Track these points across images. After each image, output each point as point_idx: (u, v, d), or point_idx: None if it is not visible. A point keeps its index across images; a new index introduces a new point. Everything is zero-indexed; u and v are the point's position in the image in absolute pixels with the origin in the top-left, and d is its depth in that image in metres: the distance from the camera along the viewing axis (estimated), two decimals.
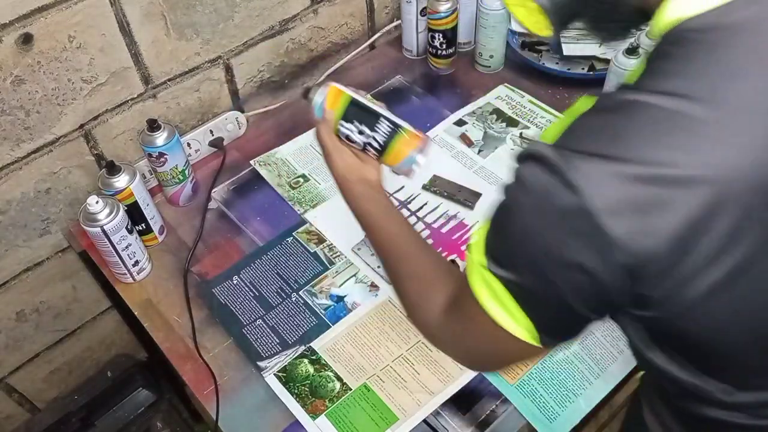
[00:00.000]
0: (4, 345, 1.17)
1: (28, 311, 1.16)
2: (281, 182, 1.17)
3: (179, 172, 1.09)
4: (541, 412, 0.87)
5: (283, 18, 1.22)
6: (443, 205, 1.11)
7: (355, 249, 1.05)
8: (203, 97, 1.19)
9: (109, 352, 1.35)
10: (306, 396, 0.89)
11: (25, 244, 1.09)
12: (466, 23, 1.34)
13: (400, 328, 0.96)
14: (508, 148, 1.19)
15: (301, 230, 1.09)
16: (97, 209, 0.93)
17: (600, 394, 0.89)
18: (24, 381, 1.24)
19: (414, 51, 1.38)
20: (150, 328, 0.99)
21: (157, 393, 1.23)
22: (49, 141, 1.02)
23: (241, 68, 1.22)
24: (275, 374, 0.92)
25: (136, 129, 1.11)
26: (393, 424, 0.86)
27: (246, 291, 1.02)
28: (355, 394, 0.89)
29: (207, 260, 1.06)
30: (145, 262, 1.04)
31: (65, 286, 1.19)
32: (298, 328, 0.97)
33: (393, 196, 1.13)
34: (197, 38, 1.11)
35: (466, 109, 1.27)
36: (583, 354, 0.91)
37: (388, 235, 0.80)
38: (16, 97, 0.95)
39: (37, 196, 1.06)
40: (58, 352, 1.26)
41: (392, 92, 1.32)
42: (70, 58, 0.97)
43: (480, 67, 1.35)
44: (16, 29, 0.89)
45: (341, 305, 0.99)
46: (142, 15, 1.01)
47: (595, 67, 1.30)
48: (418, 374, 0.91)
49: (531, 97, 1.28)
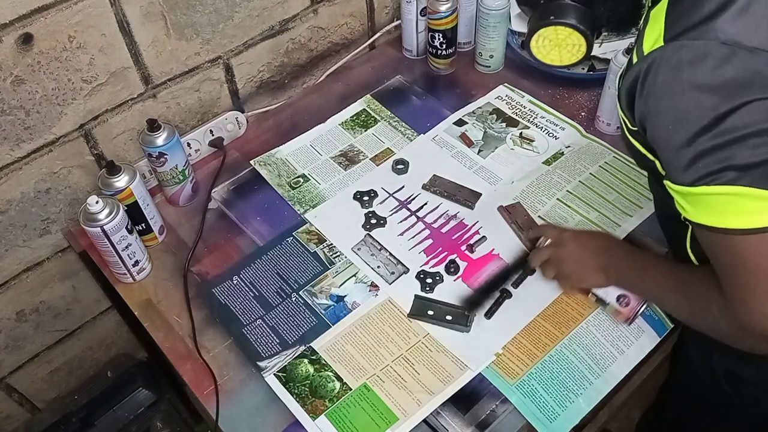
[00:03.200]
0: (4, 345, 1.17)
1: (28, 311, 1.16)
2: (281, 182, 1.17)
3: (179, 172, 1.09)
4: (541, 412, 0.87)
5: (283, 18, 1.22)
6: (443, 205, 1.11)
7: (355, 249, 1.05)
8: (203, 97, 1.19)
9: (109, 352, 1.35)
10: (306, 396, 0.89)
11: (25, 244, 1.09)
12: (466, 23, 1.34)
13: (400, 328, 0.96)
14: (508, 148, 1.19)
15: (301, 230, 1.09)
16: (97, 209, 0.93)
17: (600, 394, 0.89)
18: (24, 381, 1.24)
19: (414, 51, 1.38)
20: (150, 328, 0.99)
21: (157, 393, 1.23)
22: (49, 141, 1.02)
23: (241, 68, 1.22)
24: (275, 374, 0.92)
25: (136, 129, 1.11)
26: (393, 424, 0.86)
27: (246, 291, 1.02)
28: (355, 394, 0.89)
29: (207, 260, 1.06)
30: (145, 262, 1.04)
31: (65, 286, 1.19)
32: (298, 328, 0.97)
33: (393, 195, 1.13)
34: (197, 38, 1.11)
35: (466, 109, 1.27)
36: (583, 354, 0.91)
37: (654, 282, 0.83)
38: (16, 97, 0.95)
39: (37, 196, 1.06)
40: (58, 352, 1.26)
41: (392, 92, 1.32)
42: (70, 58, 0.97)
43: (480, 67, 1.35)
44: (16, 29, 0.89)
45: (341, 305, 0.99)
46: (142, 15, 1.01)
47: (595, 67, 1.30)
48: (418, 374, 0.91)
49: (531, 97, 1.28)
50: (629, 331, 0.93)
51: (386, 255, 1.04)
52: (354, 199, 1.13)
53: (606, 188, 1.11)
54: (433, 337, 0.94)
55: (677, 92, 0.59)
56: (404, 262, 1.03)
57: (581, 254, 0.90)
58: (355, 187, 1.15)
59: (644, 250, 0.90)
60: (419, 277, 1.01)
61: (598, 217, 1.07)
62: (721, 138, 0.57)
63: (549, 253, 0.92)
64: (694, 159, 0.59)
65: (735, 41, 0.56)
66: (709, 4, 0.58)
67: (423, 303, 0.98)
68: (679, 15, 0.60)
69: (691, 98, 0.58)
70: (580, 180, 1.13)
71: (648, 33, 0.62)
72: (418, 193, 1.13)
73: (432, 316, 0.96)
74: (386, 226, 1.09)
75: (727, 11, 0.56)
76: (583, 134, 1.20)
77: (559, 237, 0.93)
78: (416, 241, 1.06)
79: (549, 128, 1.22)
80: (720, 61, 0.56)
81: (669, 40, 0.59)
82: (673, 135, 0.61)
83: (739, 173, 0.57)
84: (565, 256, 0.91)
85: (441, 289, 0.99)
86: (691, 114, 0.58)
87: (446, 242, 1.06)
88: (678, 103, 0.59)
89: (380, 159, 1.19)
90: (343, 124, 1.26)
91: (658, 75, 0.60)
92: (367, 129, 1.25)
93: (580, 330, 0.94)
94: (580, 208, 1.09)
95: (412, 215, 1.10)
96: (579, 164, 1.15)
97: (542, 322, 0.95)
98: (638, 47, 0.63)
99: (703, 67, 0.57)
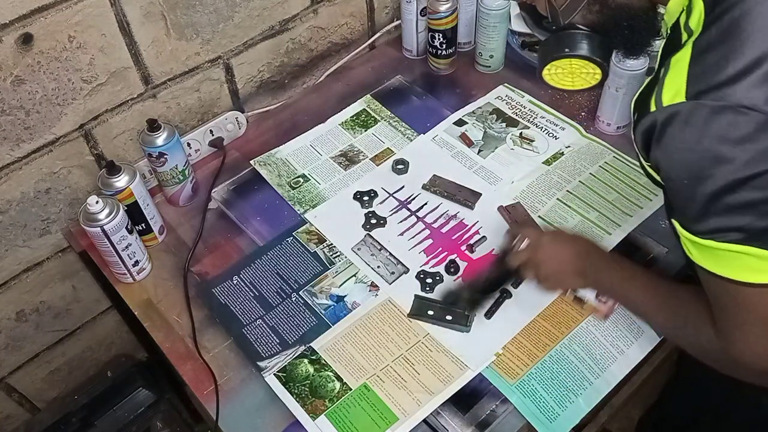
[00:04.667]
0: (4, 345, 1.17)
1: (28, 311, 1.16)
2: (281, 182, 1.17)
3: (179, 172, 1.09)
4: (541, 412, 0.87)
5: (283, 18, 1.22)
6: (443, 205, 1.11)
7: (355, 249, 1.05)
8: (203, 97, 1.19)
9: (109, 352, 1.35)
10: (306, 396, 0.89)
11: (25, 244, 1.09)
12: (466, 23, 1.34)
13: (400, 328, 0.96)
14: (507, 148, 1.19)
15: (301, 230, 1.09)
16: (97, 209, 0.93)
17: (600, 394, 0.89)
18: (24, 381, 1.24)
19: (414, 51, 1.38)
20: (150, 328, 0.99)
21: (157, 393, 1.23)
22: (49, 141, 1.02)
23: (241, 68, 1.22)
24: (275, 374, 0.92)
25: (136, 129, 1.11)
26: (393, 424, 0.86)
27: (246, 291, 1.02)
28: (355, 394, 0.89)
29: (207, 260, 1.06)
30: (145, 262, 1.04)
31: (65, 286, 1.19)
32: (298, 328, 0.97)
33: (393, 195, 1.13)
34: (197, 38, 1.11)
35: (466, 109, 1.27)
36: (583, 354, 0.91)
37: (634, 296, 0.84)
38: (16, 97, 0.95)
39: (37, 196, 1.06)
40: (58, 352, 1.26)
41: (392, 92, 1.32)
42: (70, 58, 0.97)
43: (480, 67, 1.35)
44: (16, 29, 0.89)
45: (341, 305, 0.99)
46: (142, 15, 1.01)
47: None
48: (418, 374, 0.91)
49: (531, 97, 1.28)
50: (629, 331, 0.93)
51: (386, 255, 1.04)
52: (354, 199, 1.13)
53: (606, 188, 1.11)
54: (433, 337, 0.94)
55: (696, 151, 0.59)
56: (404, 262, 1.03)
57: (560, 257, 0.90)
58: (355, 187, 1.15)
59: (626, 258, 0.90)
60: (419, 277, 1.01)
61: (598, 217, 1.07)
62: (735, 201, 0.58)
63: (528, 255, 0.92)
64: (706, 215, 0.60)
65: (757, 106, 0.55)
66: (734, 64, 0.57)
67: (423, 303, 0.98)
68: (703, 72, 0.59)
69: (708, 159, 0.58)
70: (580, 180, 1.13)
71: (668, 83, 0.61)
72: (418, 193, 1.13)
73: (432, 316, 0.96)
74: (386, 226, 1.09)
75: (752, 75, 0.56)
76: (583, 134, 1.20)
77: (539, 240, 0.93)
78: (416, 241, 1.06)
79: (549, 128, 1.22)
80: (741, 125, 0.56)
81: (691, 97, 0.58)
82: (687, 189, 0.61)
83: (748, 236, 0.59)
84: (545, 258, 0.91)
85: (441, 289, 0.99)
86: (708, 174, 0.58)
87: (446, 242, 1.06)
88: (696, 161, 0.59)
89: (380, 159, 1.19)
90: (343, 124, 1.26)
91: (678, 130, 0.59)
92: (367, 129, 1.25)
93: (580, 330, 0.94)
94: (580, 208, 1.09)
95: (412, 215, 1.10)
96: (579, 164, 1.15)
97: (542, 322, 0.95)
98: (657, 95, 0.62)
99: (723, 130, 0.57)
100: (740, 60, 0.56)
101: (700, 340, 0.72)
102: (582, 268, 0.89)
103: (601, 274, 0.87)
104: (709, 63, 0.58)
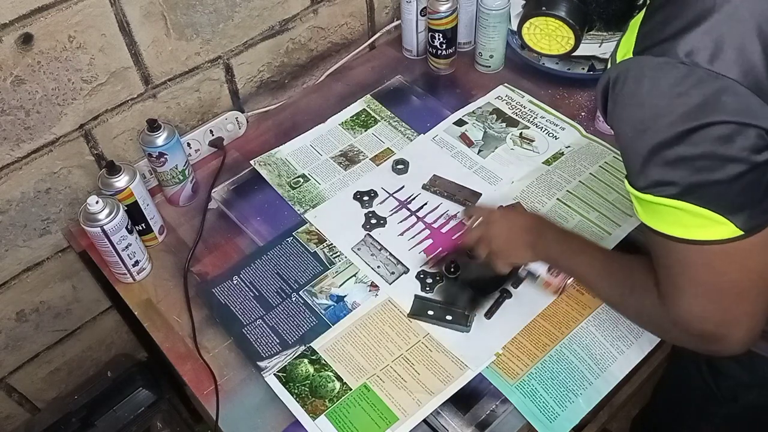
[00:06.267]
0: (4, 345, 1.17)
1: (28, 311, 1.16)
2: (281, 182, 1.17)
3: (179, 172, 1.09)
4: (541, 412, 0.87)
5: (283, 18, 1.22)
6: (443, 205, 1.11)
7: (355, 249, 1.05)
8: (203, 97, 1.19)
9: (109, 352, 1.35)
10: (306, 396, 0.89)
11: (25, 244, 1.09)
12: (466, 23, 1.34)
13: (400, 328, 0.96)
14: (508, 148, 1.19)
15: (301, 230, 1.09)
16: (97, 209, 0.93)
17: (600, 394, 0.89)
18: (24, 381, 1.24)
19: (414, 51, 1.38)
20: (150, 328, 0.99)
21: (157, 393, 1.23)
22: (49, 141, 1.02)
23: (241, 68, 1.22)
24: (275, 374, 0.92)
25: (136, 129, 1.11)
26: (393, 424, 0.86)
27: (246, 291, 1.02)
28: (355, 394, 0.89)
29: (207, 260, 1.06)
30: (145, 262, 1.04)
31: (65, 286, 1.19)
32: (298, 328, 0.97)
33: (393, 195, 1.13)
34: (197, 38, 1.11)
35: (466, 109, 1.27)
36: (583, 354, 0.91)
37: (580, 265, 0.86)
38: (16, 97, 0.95)
39: (37, 196, 1.06)
40: (58, 352, 1.26)
41: (392, 92, 1.32)
42: (70, 58, 0.97)
43: (480, 67, 1.35)
44: (16, 29, 0.89)
45: (341, 305, 0.99)
46: (142, 15, 1.01)
47: (595, 67, 1.30)
48: (418, 374, 0.91)
49: (531, 97, 1.28)
50: (629, 331, 0.93)
51: (386, 255, 1.04)
52: (354, 199, 1.13)
53: (606, 188, 1.11)
54: (433, 337, 0.94)
55: (639, 104, 0.61)
56: (404, 262, 1.03)
57: (510, 232, 0.93)
58: (355, 187, 1.15)
59: (576, 233, 0.93)
60: (419, 277, 1.01)
61: (598, 217, 1.07)
62: (672, 155, 0.60)
63: (480, 232, 0.95)
64: (646, 169, 0.62)
65: (695, 62, 0.57)
66: (676, 23, 0.59)
67: (423, 303, 0.98)
68: (650, 30, 0.62)
69: (649, 113, 0.61)
70: (580, 180, 1.13)
71: (623, 42, 0.64)
72: (418, 193, 1.13)
73: (432, 316, 0.96)
74: (386, 226, 1.09)
75: (692, 32, 0.58)
76: (583, 134, 1.20)
77: (489, 216, 0.96)
78: (416, 241, 1.06)
79: (549, 128, 1.22)
80: (679, 80, 0.58)
81: (636, 53, 0.61)
82: (631, 143, 0.64)
83: (682, 190, 0.60)
84: (496, 233, 0.93)
85: (441, 289, 0.99)
86: (649, 127, 0.61)
87: (446, 242, 1.06)
88: (638, 114, 0.62)
89: (380, 159, 1.19)
90: (343, 124, 1.26)
91: (624, 85, 0.62)
92: (367, 129, 1.25)
93: (580, 330, 0.94)
94: (580, 208, 1.09)
95: (412, 215, 1.10)
96: (579, 164, 1.15)
97: (542, 322, 0.95)
98: (613, 53, 0.65)
99: (662, 84, 0.59)
100: (682, 18, 0.59)
101: (645, 305, 0.73)
102: (531, 241, 0.90)
103: (551, 248, 0.89)
104: (656, 21, 0.61)
